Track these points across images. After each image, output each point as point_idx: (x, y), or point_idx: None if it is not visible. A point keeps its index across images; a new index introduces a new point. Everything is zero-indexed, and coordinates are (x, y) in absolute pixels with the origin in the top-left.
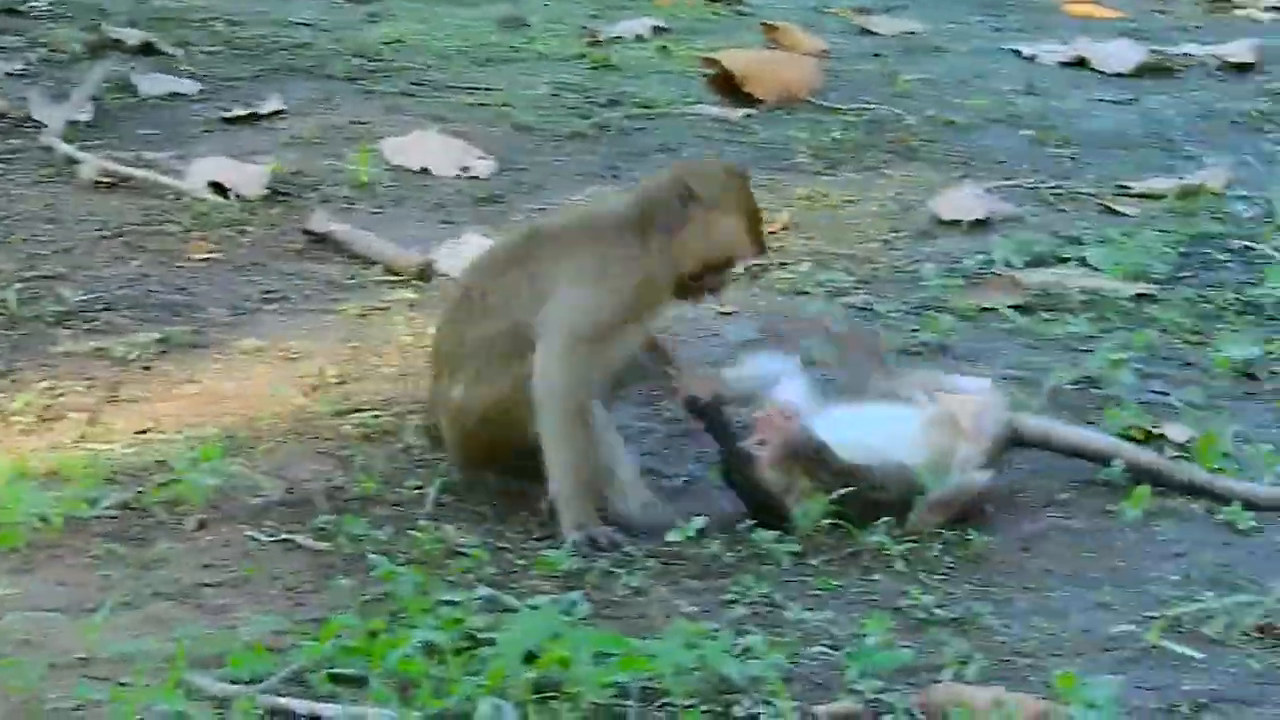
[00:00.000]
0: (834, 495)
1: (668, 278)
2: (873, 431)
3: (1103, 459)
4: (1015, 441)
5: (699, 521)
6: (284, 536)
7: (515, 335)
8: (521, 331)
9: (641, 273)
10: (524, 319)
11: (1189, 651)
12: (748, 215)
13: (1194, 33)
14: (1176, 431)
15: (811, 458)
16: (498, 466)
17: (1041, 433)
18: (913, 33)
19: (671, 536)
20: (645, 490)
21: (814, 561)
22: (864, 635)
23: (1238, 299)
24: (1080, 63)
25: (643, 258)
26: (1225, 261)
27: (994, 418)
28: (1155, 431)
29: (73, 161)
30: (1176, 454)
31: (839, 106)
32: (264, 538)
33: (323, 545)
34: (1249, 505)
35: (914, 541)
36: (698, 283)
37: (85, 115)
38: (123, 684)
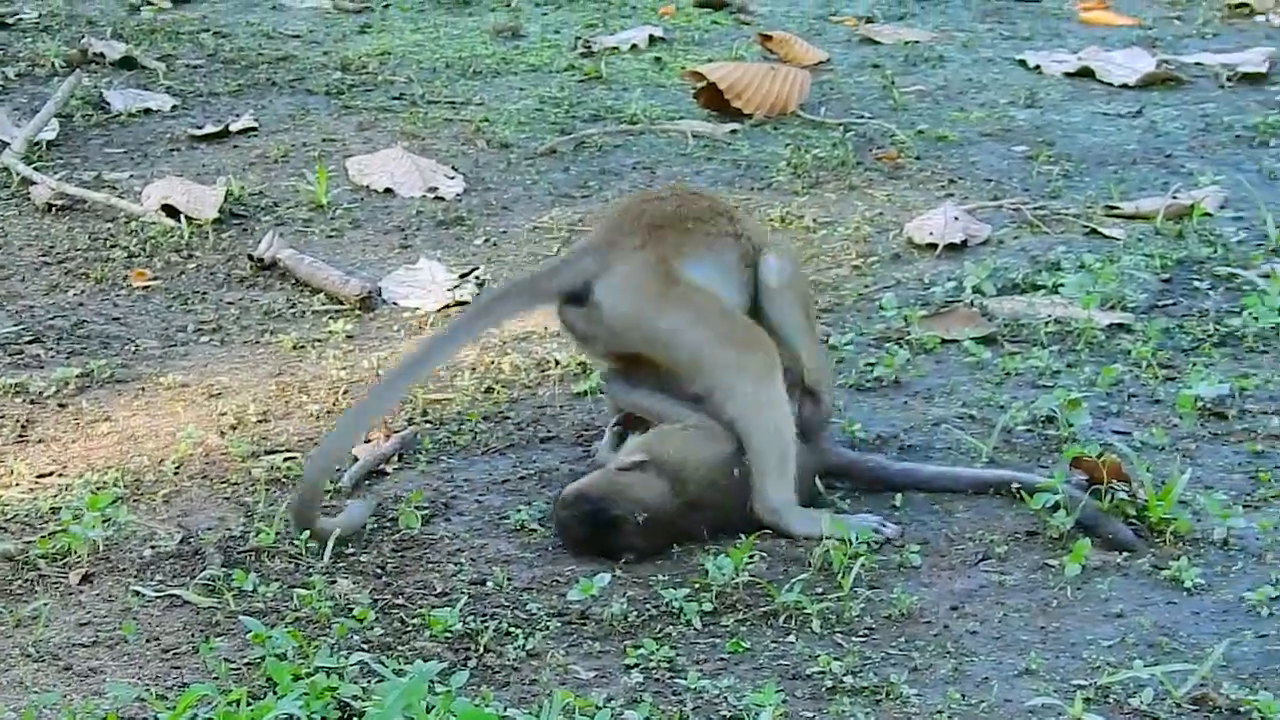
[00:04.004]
0: None
1: None
2: None
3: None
4: None
5: (603, 578)
6: (170, 592)
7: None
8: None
9: None
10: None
11: None
12: None
13: (1209, 40)
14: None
15: None
16: None
17: None
18: (917, 42)
19: (573, 596)
20: None
21: (726, 621)
22: (760, 708)
23: (1217, 329)
24: (1086, 73)
25: None
26: (1208, 289)
27: None
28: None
29: (29, 183)
30: None
31: (829, 121)
32: (149, 593)
33: (208, 602)
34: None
35: (834, 600)
36: None
37: (50, 134)
38: None
